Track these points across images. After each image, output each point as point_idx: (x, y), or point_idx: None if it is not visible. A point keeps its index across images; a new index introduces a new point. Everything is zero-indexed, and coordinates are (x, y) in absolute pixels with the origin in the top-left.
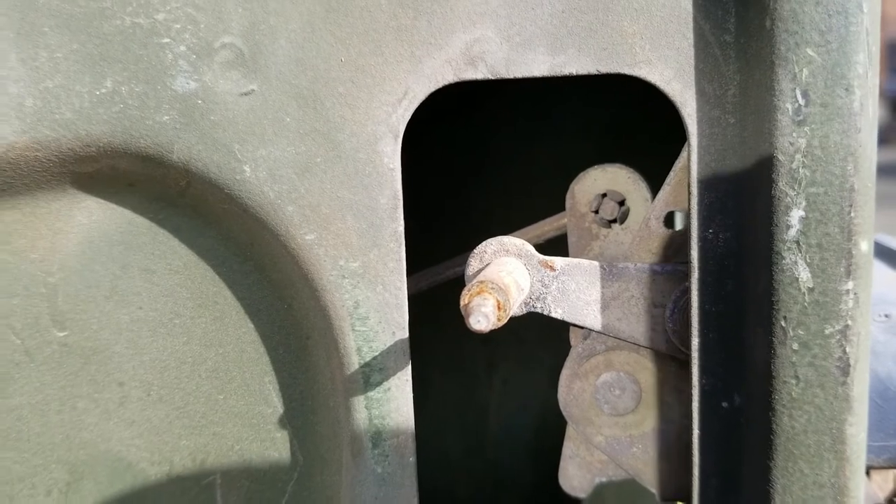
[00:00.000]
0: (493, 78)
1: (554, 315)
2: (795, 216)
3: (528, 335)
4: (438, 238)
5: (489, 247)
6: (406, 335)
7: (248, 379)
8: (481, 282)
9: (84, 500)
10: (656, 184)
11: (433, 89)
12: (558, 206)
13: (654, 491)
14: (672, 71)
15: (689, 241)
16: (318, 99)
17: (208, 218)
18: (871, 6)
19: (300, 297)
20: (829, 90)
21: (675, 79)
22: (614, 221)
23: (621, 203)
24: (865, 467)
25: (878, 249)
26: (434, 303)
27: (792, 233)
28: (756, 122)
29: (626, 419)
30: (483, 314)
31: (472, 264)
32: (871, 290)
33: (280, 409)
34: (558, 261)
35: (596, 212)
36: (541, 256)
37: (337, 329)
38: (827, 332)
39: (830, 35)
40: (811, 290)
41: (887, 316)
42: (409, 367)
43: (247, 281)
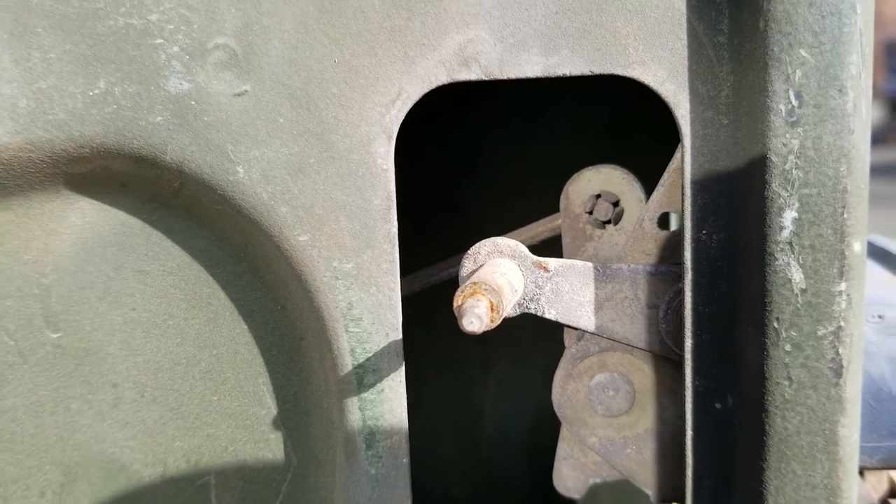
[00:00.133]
0: (486, 79)
1: (548, 316)
2: (788, 217)
3: (523, 336)
4: (432, 239)
5: (483, 248)
6: (400, 336)
7: (242, 380)
8: (474, 283)
9: (78, 502)
10: (651, 184)
11: (427, 90)
12: (552, 207)
13: (648, 492)
14: (665, 72)
15: (682, 242)
16: (312, 100)
17: (202, 219)
18: (865, 7)
19: (294, 298)
20: (822, 91)
21: (669, 80)
22: (608, 222)
23: (615, 204)
24: (859, 468)
25: (873, 250)
26: (428, 304)
27: (785, 234)
28: (749, 123)
29: (620, 420)
30: (476, 315)
31: (466, 265)
32: (864, 291)
33: (274, 411)
34: (552, 262)
35: (590, 213)
36: (534, 257)
37: (331, 330)
38: (820, 333)
39: (824, 36)
40: (804, 292)
41: (881, 317)
42: (403, 368)
43: (240, 282)
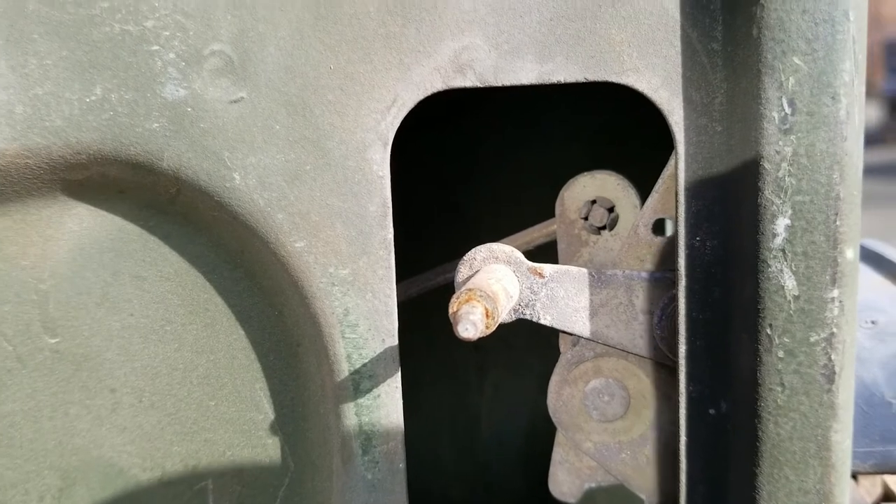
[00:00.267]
0: (481, 85)
1: (543, 322)
2: (781, 224)
3: (519, 341)
4: (428, 245)
5: (478, 254)
6: (395, 342)
7: (239, 385)
8: (470, 289)
9: None
10: (646, 190)
11: (422, 97)
12: (548, 213)
13: (642, 496)
14: (659, 79)
15: (676, 248)
16: (308, 106)
17: (199, 225)
18: (858, 15)
19: (290, 304)
20: (815, 98)
21: (663, 87)
22: (604, 228)
23: (611, 210)
24: (852, 473)
25: (866, 254)
26: (425, 309)
27: (778, 241)
28: (743, 130)
29: (615, 425)
30: (471, 322)
31: (462, 271)
32: (856, 297)
33: (271, 416)
34: (547, 268)
35: (585, 218)
36: (530, 263)
37: (327, 336)
38: (812, 339)
39: (817, 43)
40: (797, 298)
41: (874, 322)
42: (399, 373)
43: (237, 288)
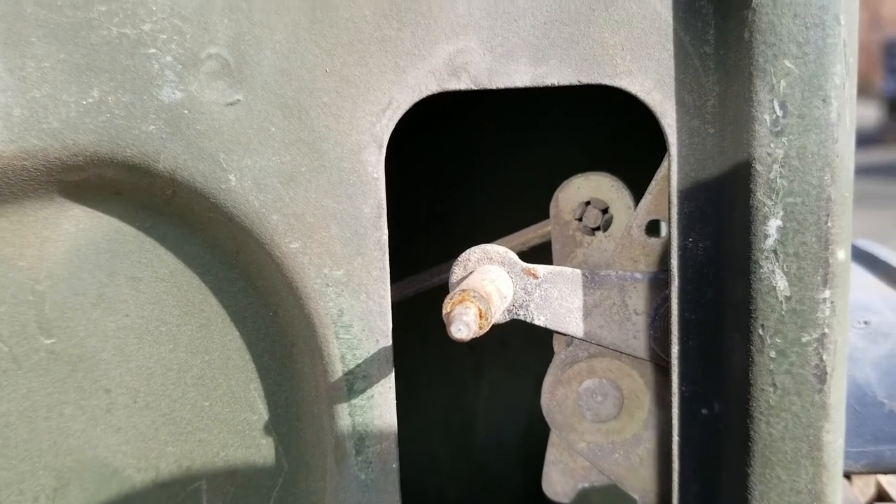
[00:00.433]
0: (475, 88)
1: (537, 322)
2: (773, 226)
3: (515, 341)
4: (425, 245)
5: (473, 255)
6: (389, 343)
7: (233, 386)
8: (463, 290)
9: None
10: (641, 192)
11: (417, 99)
12: (544, 214)
13: (635, 497)
14: (652, 82)
15: (669, 249)
16: (303, 109)
17: (194, 226)
18: (849, 18)
19: (285, 304)
20: (806, 101)
21: (656, 89)
22: (598, 229)
23: (605, 211)
24: (844, 473)
25: (860, 255)
26: (422, 309)
27: (769, 242)
28: (735, 133)
29: (609, 425)
30: (464, 323)
31: (456, 272)
32: (848, 298)
33: (265, 416)
34: (541, 268)
35: (580, 219)
36: (524, 264)
37: (321, 337)
38: (804, 340)
39: (808, 47)
40: (788, 299)
41: (867, 323)
42: (393, 374)
43: (232, 288)
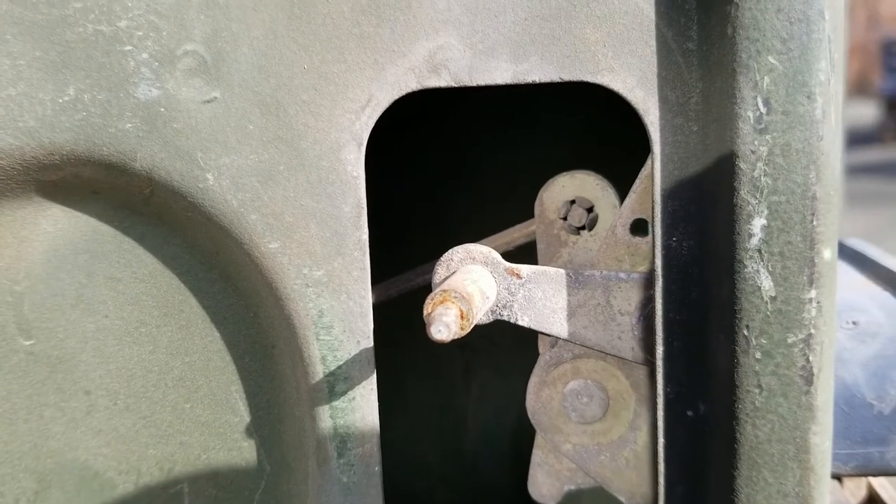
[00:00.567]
0: (456, 85)
1: (521, 323)
2: (757, 224)
3: (505, 342)
4: (413, 245)
5: (455, 255)
6: (371, 344)
7: (214, 388)
8: (444, 291)
9: None
10: (627, 190)
11: (397, 97)
12: (531, 213)
13: (622, 499)
14: (635, 78)
15: (653, 248)
16: (282, 106)
17: (173, 226)
18: (833, 14)
19: (265, 305)
20: (790, 98)
21: (638, 86)
22: (583, 228)
23: (590, 210)
24: (834, 475)
25: (849, 254)
26: (410, 310)
27: (754, 241)
28: (718, 130)
29: (594, 427)
30: (444, 324)
31: (439, 272)
32: (835, 298)
33: (247, 418)
34: (524, 268)
35: (564, 219)
36: (507, 264)
37: (301, 338)
38: (790, 340)
39: (792, 43)
40: (773, 299)
41: (855, 323)
42: (374, 376)
43: (212, 289)
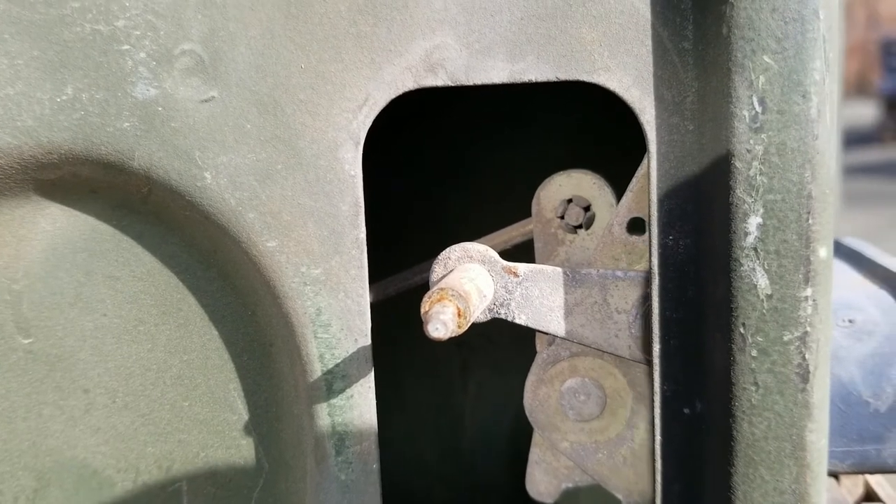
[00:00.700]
0: (452, 84)
1: (518, 321)
2: (753, 223)
3: (503, 340)
4: (412, 244)
5: (453, 253)
6: (368, 342)
7: (212, 386)
8: (441, 289)
9: None
10: (624, 189)
11: (394, 96)
12: (528, 212)
13: (619, 496)
14: (631, 78)
15: (649, 247)
16: (279, 105)
17: (171, 225)
18: (828, 14)
19: (263, 304)
20: (785, 97)
21: (634, 85)
22: (580, 227)
23: (587, 209)
24: (831, 473)
25: (845, 252)
26: (408, 308)
27: (750, 240)
28: (714, 129)
29: (592, 425)
30: (441, 322)
31: (437, 270)
32: (830, 296)
33: (245, 416)
34: (521, 267)
35: (561, 217)
36: (504, 262)
37: (299, 336)
38: (786, 338)
39: (787, 42)
40: (769, 297)
41: (851, 321)
42: (372, 374)
43: (210, 288)
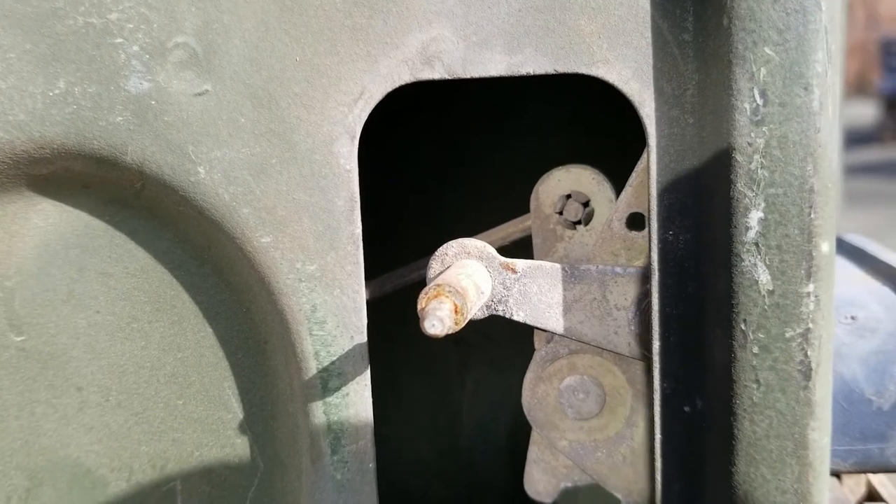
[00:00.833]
0: (450, 77)
1: (516, 318)
2: (754, 217)
3: (501, 337)
4: (409, 239)
5: (450, 249)
6: (365, 339)
7: (207, 384)
8: (438, 285)
9: None
10: (623, 184)
11: (390, 89)
12: (527, 208)
13: (618, 496)
14: (630, 70)
15: (649, 242)
16: (273, 99)
17: (165, 220)
18: (830, 4)
19: (258, 300)
20: (787, 89)
21: (634, 78)
22: (579, 223)
23: (586, 204)
24: (833, 472)
25: (848, 249)
26: (406, 305)
27: (751, 234)
28: (714, 122)
29: (591, 423)
30: (438, 318)
31: (434, 267)
32: (833, 292)
33: (240, 415)
34: (520, 263)
35: (560, 213)
36: (502, 258)
37: (294, 333)
38: (787, 335)
39: (788, 33)
40: (771, 293)
41: (854, 318)
42: (368, 371)
43: (205, 284)
